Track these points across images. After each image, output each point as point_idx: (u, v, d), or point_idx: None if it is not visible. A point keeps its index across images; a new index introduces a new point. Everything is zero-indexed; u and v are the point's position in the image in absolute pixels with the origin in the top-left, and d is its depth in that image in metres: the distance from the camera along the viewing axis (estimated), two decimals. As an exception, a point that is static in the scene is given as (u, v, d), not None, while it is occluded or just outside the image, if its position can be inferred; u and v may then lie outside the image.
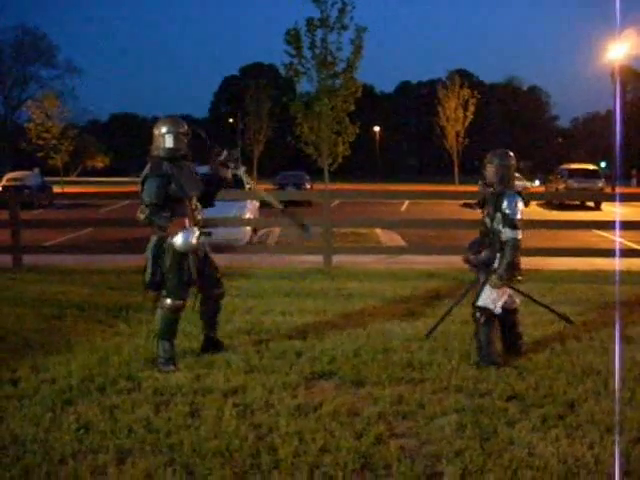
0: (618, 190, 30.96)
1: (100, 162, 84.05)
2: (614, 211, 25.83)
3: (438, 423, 4.56)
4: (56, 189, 39.84)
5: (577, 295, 8.94)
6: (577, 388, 5.18)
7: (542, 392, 5.14)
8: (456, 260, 11.60)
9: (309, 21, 19.80)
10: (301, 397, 5.05)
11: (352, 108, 19.41)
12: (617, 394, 4.98)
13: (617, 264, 10.63)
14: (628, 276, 9.84)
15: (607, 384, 5.27)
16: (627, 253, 12.19)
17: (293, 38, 20.05)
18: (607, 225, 15.42)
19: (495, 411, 4.77)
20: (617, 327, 6.87)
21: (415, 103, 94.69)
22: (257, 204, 16.65)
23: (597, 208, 29.82)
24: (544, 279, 10.13)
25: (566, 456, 4.02)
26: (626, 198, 15.75)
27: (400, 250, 13.65)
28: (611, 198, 24.28)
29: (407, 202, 32.59)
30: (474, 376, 5.54)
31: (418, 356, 6.08)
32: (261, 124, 70.76)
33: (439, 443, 4.24)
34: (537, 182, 58.64)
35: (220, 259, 11.70)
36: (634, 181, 62.58)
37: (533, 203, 33.06)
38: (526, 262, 11.51)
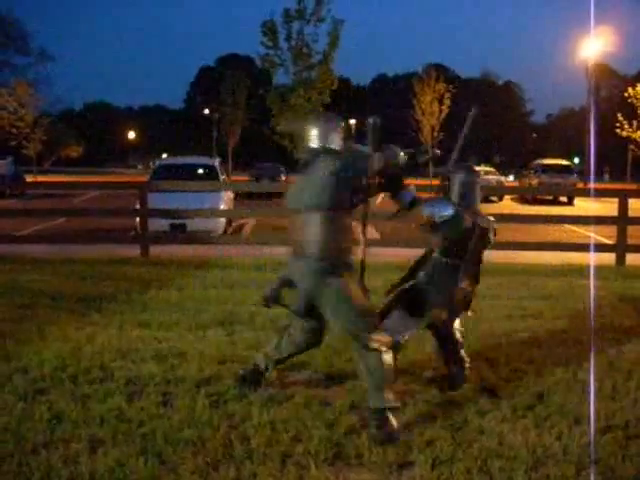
0: (591, 186, 31.26)
1: (74, 151, 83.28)
2: (587, 206, 26.13)
3: (410, 414, 4.61)
4: (29, 178, 39.41)
5: (549, 289, 9.04)
6: (547, 379, 5.26)
7: (512, 383, 5.21)
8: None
9: (286, 12, 19.78)
10: (273, 387, 5.07)
11: (328, 100, 19.43)
12: (591, 386, 5.05)
13: (590, 258, 10.76)
14: (599, 270, 9.97)
15: (576, 375, 5.35)
16: (598, 248, 12.33)
17: (269, 29, 20.02)
18: (579, 220, 15.63)
19: (466, 402, 4.83)
20: (588, 320, 6.96)
21: (391, 96, 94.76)
22: (231, 195, 16.61)
23: (570, 203, 30.12)
24: (517, 273, 10.25)
25: (535, 446, 4.09)
26: (599, 194, 15.93)
27: (373, 242, 13.68)
28: (584, 193, 24.50)
29: (382, 194, 32.61)
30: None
31: (392, 347, 6.10)
32: (236, 115, 70.48)
33: (410, 433, 4.28)
34: (511, 177, 59.07)
35: (194, 250, 11.78)
36: (606, 177, 63.27)
37: (507, 197, 33.37)
38: (500, 255, 11.74)
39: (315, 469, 3.80)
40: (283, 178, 37.60)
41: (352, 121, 78.57)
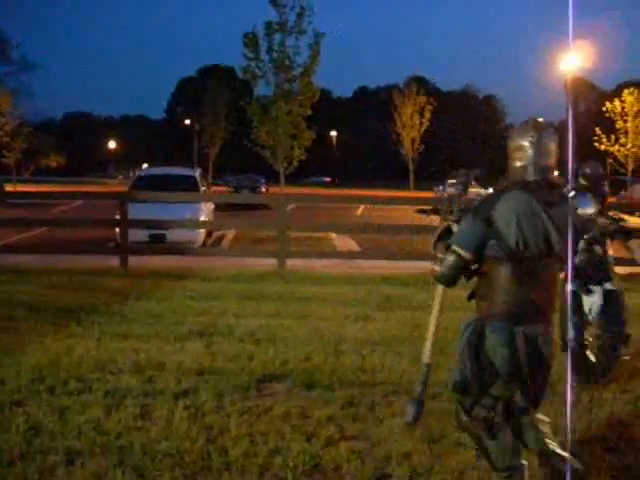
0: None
1: (54, 161, 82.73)
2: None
3: (387, 425, 4.63)
4: (8, 187, 39.12)
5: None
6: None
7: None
8: (409, 265, 11.84)
9: (267, 25, 19.87)
10: (252, 399, 5.08)
11: (309, 112, 19.49)
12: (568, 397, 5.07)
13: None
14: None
15: (555, 390, 5.37)
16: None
17: (250, 41, 20.08)
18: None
19: (444, 414, 4.84)
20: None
21: (373, 108, 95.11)
22: (211, 206, 16.59)
23: None
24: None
25: (511, 458, 4.10)
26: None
27: (354, 255, 13.75)
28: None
29: (362, 207, 32.68)
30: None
31: (369, 359, 6.16)
32: (217, 126, 70.48)
33: (388, 445, 4.31)
34: (491, 189, 59.37)
35: (174, 261, 11.76)
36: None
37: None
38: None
39: (293, 481, 3.81)
40: (263, 189, 37.58)
41: (333, 133, 79.02)
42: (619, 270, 6.44)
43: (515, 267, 3.30)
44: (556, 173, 3.54)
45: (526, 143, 3.42)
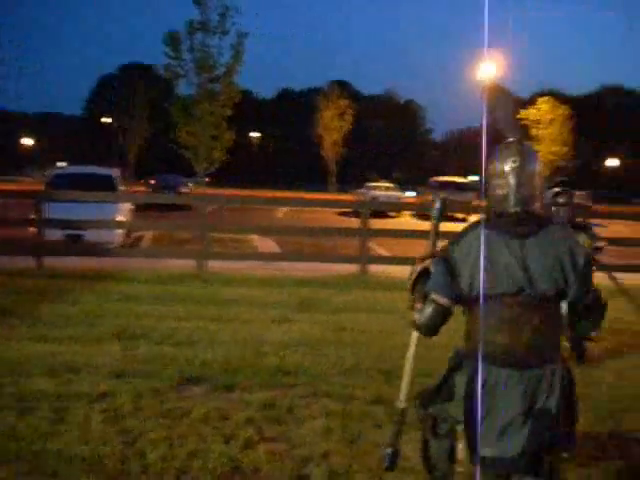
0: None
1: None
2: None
3: (307, 427, 4.66)
4: None
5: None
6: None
7: (409, 395, 5.31)
8: (331, 267, 11.92)
9: (189, 24, 19.67)
10: (171, 402, 5.03)
11: (229, 113, 19.38)
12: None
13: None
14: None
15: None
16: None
17: (172, 40, 19.84)
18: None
19: (362, 415, 4.92)
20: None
21: (295, 111, 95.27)
22: (130, 206, 16.32)
23: (465, 220, 30.91)
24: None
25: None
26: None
27: (275, 256, 13.75)
28: (475, 211, 25.21)
29: (284, 209, 32.76)
30: (342, 381, 5.68)
31: (289, 361, 6.18)
32: (138, 125, 69.39)
33: (307, 446, 4.34)
34: (414, 193, 60.14)
35: (91, 262, 11.53)
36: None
37: (406, 213, 34.04)
38: (402, 271, 11.94)
39: (212, 484, 3.80)
40: (185, 190, 37.12)
41: (254, 134, 78.67)
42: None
43: (473, 308, 3.07)
44: (474, 177, 3.50)
45: (507, 169, 3.08)
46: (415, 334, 3.38)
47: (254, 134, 80.00)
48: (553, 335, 3.04)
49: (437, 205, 3.62)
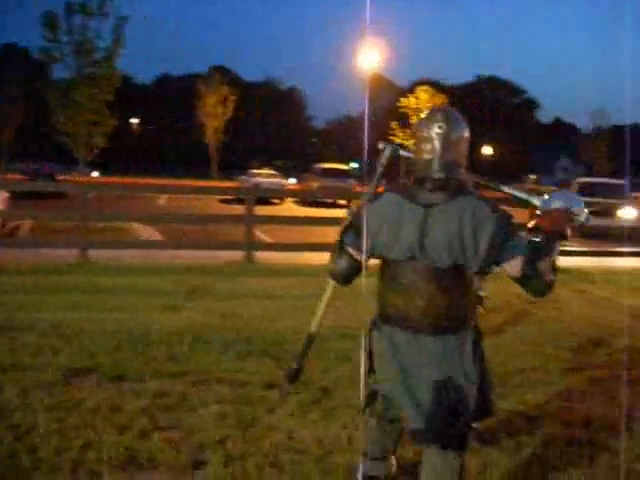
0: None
1: None
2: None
3: (200, 414, 4.67)
4: None
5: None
6: (330, 375, 5.52)
7: (298, 379, 5.41)
8: (216, 255, 11.90)
9: (68, 5, 18.98)
10: (60, 394, 4.92)
11: (110, 98, 18.87)
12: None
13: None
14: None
15: (359, 369, 5.65)
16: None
17: (49, 21, 19.09)
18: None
19: (255, 399, 4.97)
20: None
21: (175, 97, 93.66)
22: (6, 194, 15.70)
23: (348, 206, 31.28)
24: (300, 273, 10.64)
25: (323, 437, 4.31)
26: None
27: (158, 244, 13.58)
28: (357, 197, 25.69)
29: (166, 196, 32.25)
30: (233, 367, 5.72)
31: (179, 349, 6.16)
32: (11, 109, 66.38)
33: (202, 433, 4.35)
34: (294, 180, 60.46)
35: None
36: (383, 181, 66.93)
37: (289, 200, 34.23)
38: (287, 257, 12.12)
39: (108, 475, 3.76)
40: (61, 177, 35.92)
41: (134, 120, 76.96)
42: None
43: (383, 269, 3.19)
44: (355, 164, 3.61)
45: (433, 134, 3.08)
46: (332, 282, 3.51)
47: (134, 120, 78.08)
48: (454, 304, 3.06)
49: (386, 153, 3.67)
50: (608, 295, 10.03)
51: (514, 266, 2.97)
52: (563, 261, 6.54)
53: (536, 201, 3.33)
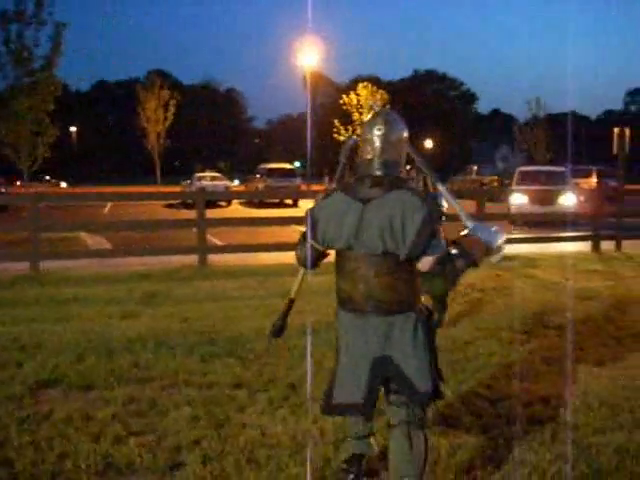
0: (314, 188, 32.96)
1: None
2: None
3: (172, 417, 4.73)
4: None
5: (286, 286, 9.51)
6: (297, 371, 5.63)
7: (266, 378, 5.53)
8: (168, 260, 11.90)
9: (2, 14, 18.57)
10: (29, 407, 4.92)
11: (51, 107, 18.58)
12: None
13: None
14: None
15: (322, 364, 5.76)
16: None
17: (-17, 32, 18.68)
18: (303, 221, 16.47)
19: (225, 400, 5.05)
20: (327, 314, 7.46)
21: (114, 103, 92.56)
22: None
23: (295, 205, 31.49)
24: (254, 274, 10.71)
25: (295, 432, 4.41)
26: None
27: (112, 253, 13.48)
28: (308, 195, 25.80)
29: (110, 204, 31.93)
30: (200, 370, 5.78)
31: (142, 356, 6.19)
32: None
33: (176, 435, 4.41)
34: (237, 181, 60.31)
35: None
36: (326, 179, 67.18)
37: (235, 202, 34.19)
38: (240, 259, 12.17)
39: (88, 482, 3.81)
40: (2, 190, 35.24)
41: (73, 128, 75.81)
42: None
43: (336, 259, 3.47)
44: (298, 163, 3.86)
45: (373, 136, 3.38)
46: (302, 270, 3.86)
47: (73, 128, 76.87)
48: (394, 288, 3.29)
49: (348, 144, 4.00)
50: (557, 279, 10.33)
51: (426, 262, 3.23)
52: (511, 248, 6.76)
53: (467, 222, 3.65)
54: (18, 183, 43.99)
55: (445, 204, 5.49)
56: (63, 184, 46.35)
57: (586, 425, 4.58)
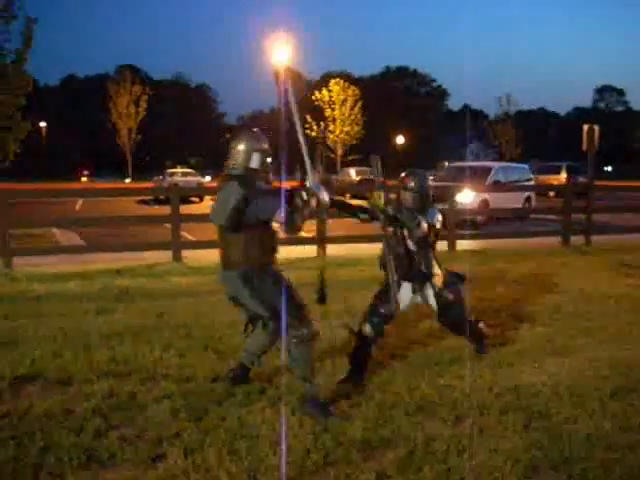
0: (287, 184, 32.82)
1: None
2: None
3: (152, 410, 4.78)
4: None
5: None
6: (272, 364, 5.68)
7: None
8: (141, 256, 11.90)
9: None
10: (9, 403, 4.94)
11: (23, 103, 18.37)
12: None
13: (295, 251, 11.53)
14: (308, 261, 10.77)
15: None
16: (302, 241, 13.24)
17: (-48, 25, 18.42)
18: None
19: (203, 393, 5.11)
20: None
21: (83, 98, 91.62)
22: None
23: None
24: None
25: (274, 422, 4.49)
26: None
27: (85, 249, 13.43)
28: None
29: (81, 200, 31.71)
30: (177, 364, 5.83)
31: (120, 350, 6.22)
32: None
33: (157, 428, 4.46)
34: (208, 177, 60.05)
35: None
36: (299, 174, 67.40)
37: (208, 198, 33.93)
38: (213, 254, 12.15)
39: (71, 475, 3.85)
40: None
41: (43, 124, 74.97)
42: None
43: None
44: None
45: (236, 147, 4.93)
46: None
47: (42, 124, 75.99)
48: (231, 250, 4.79)
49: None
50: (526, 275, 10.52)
51: (265, 211, 4.68)
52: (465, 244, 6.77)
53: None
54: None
55: (440, 219, 5.64)
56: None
57: (557, 414, 4.71)
